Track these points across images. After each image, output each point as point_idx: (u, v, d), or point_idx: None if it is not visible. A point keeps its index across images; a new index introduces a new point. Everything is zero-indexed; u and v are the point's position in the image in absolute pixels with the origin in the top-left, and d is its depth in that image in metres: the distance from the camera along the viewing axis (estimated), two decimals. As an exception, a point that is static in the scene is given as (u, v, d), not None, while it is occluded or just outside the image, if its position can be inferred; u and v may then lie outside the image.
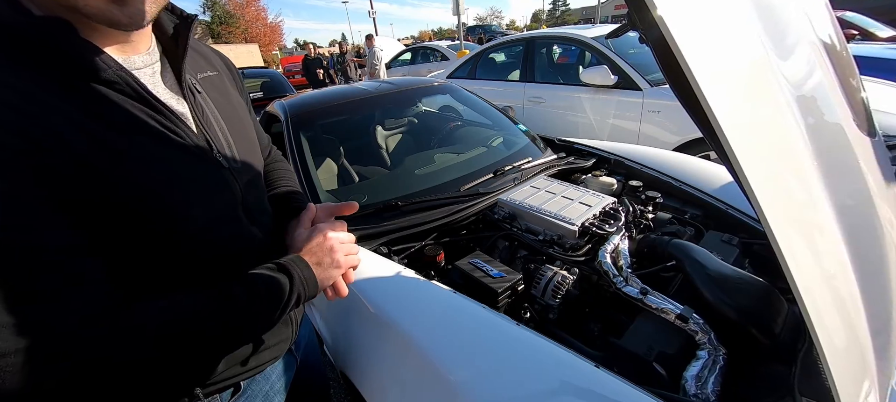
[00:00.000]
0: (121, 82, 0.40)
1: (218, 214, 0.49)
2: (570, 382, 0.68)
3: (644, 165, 1.58)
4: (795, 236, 0.45)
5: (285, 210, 0.65)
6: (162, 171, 0.42)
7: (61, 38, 0.37)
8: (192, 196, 0.45)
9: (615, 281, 0.95)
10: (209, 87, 0.55)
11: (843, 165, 0.56)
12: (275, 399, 0.65)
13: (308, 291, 0.52)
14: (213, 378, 0.53)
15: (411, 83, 2.30)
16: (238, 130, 0.56)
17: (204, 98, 0.52)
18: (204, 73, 0.56)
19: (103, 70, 0.39)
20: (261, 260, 0.52)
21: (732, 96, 0.41)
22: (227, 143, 0.53)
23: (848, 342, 0.51)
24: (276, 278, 0.49)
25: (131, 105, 0.41)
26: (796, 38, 0.57)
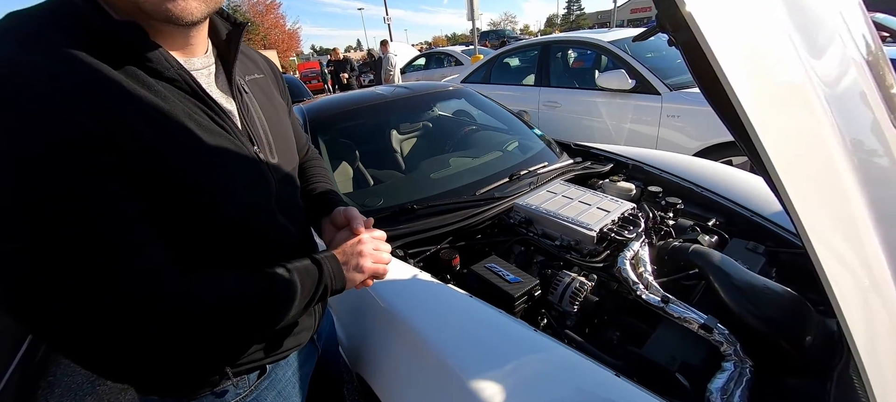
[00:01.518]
0: (180, 80, 0.46)
1: (254, 203, 0.53)
2: (589, 390, 0.67)
3: (663, 171, 1.54)
4: (834, 245, 0.43)
5: (320, 207, 0.70)
6: (210, 159, 0.47)
7: (136, 40, 0.42)
8: (234, 184, 0.49)
9: (635, 289, 0.93)
10: (255, 88, 0.60)
11: (882, 171, 0.54)
12: (297, 385, 0.68)
13: (335, 284, 0.56)
14: (243, 359, 0.57)
15: (426, 88, 2.31)
16: (277, 130, 0.60)
17: (250, 98, 0.57)
18: (252, 75, 0.61)
19: (167, 70, 0.45)
20: (291, 252, 0.56)
21: (767, 98, 0.40)
22: (266, 140, 0.57)
23: (891, 357, 0.48)
24: (306, 267, 0.53)
25: (187, 100, 0.47)
26: (829, 37, 0.55)
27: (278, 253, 0.55)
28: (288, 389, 0.66)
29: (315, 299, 0.54)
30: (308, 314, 0.65)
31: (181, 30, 0.46)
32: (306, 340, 0.67)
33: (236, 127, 0.52)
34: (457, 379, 0.69)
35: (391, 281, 0.95)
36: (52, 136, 0.36)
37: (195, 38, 0.50)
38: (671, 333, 0.85)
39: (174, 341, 0.43)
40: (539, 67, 3.40)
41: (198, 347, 0.47)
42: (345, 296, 0.83)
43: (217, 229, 0.49)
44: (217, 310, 0.45)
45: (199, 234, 0.47)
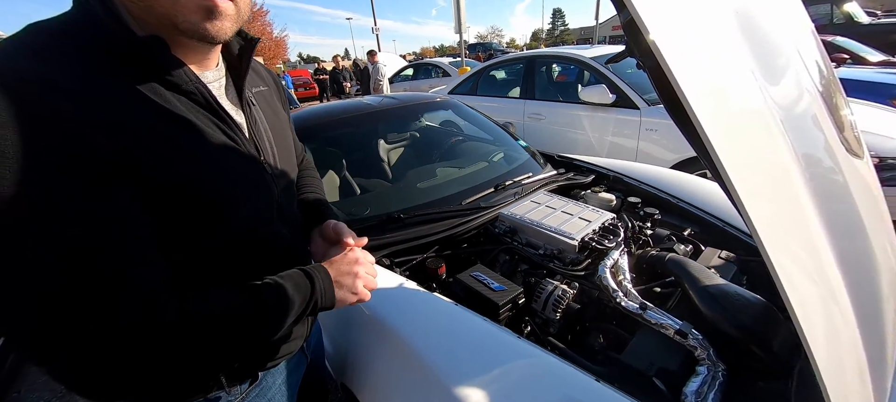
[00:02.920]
0: (196, 93, 0.48)
1: (258, 210, 0.55)
2: (572, 396, 0.69)
3: (642, 182, 1.60)
4: (789, 255, 0.47)
5: (311, 217, 0.72)
6: (221, 169, 0.49)
7: (158, 55, 0.44)
8: (241, 192, 0.51)
9: (615, 296, 0.96)
10: (261, 100, 0.62)
11: (834, 187, 0.58)
12: (286, 394, 0.68)
13: (324, 301, 0.56)
14: (237, 367, 0.58)
15: (414, 98, 2.34)
16: (280, 141, 0.63)
17: (257, 110, 0.59)
18: (258, 87, 0.63)
19: (184, 83, 0.46)
20: (288, 258, 0.58)
21: (725, 120, 0.44)
22: (271, 151, 0.59)
23: (842, 358, 0.52)
24: (299, 281, 0.53)
25: (201, 113, 0.48)
26: (785, 65, 0.60)
27: (277, 260, 0.56)
28: (277, 397, 0.66)
29: (303, 316, 0.54)
30: (300, 323, 0.65)
31: (206, 46, 0.48)
32: (297, 348, 0.68)
33: (245, 137, 0.54)
34: (441, 386, 0.69)
35: (377, 290, 0.95)
36: (56, 150, 0.36)
37: (213, 53, 0.52)
38: (649, 339, 0.88)
39: (167, 360, 0.44)
40: (524, 81, 3.49)
41: (191, 361, 0.48)
42: None
43: (225, 235, 0.50)
44: (210, 329, 0.45)
45: (208, 241, 0.48)
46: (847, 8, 6.81)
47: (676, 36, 0.40)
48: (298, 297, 0.52)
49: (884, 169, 1.94)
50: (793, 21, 0.69)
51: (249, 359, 0.59)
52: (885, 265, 0.65)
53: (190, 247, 0.47)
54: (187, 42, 0.46)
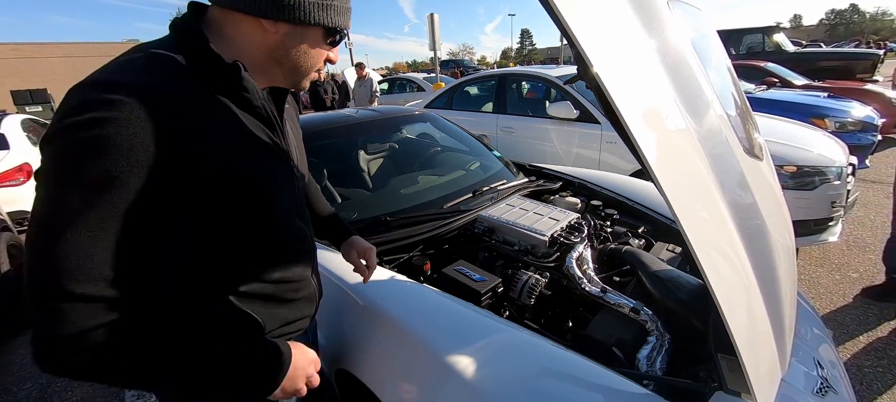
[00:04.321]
0: (261, 109, 0.59)
1: (290, 205, 0.67)
2: (545, 361, 0.81)
3: (603, 188, 1.79)
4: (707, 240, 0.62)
5: (338, 230, 0.95)
6: (270, 168, 0.60)
7: (237, 78, 0.55)
8: (281, 188, 0.63)
9: (580, 283, 1.11)
10: (287, 115, 0.73)
11: (738, 185, 0.75)
12: None
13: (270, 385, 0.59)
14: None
15: (393, 111, 2.46)
16: (299, 150, 0.76)
17: (285, 124, 0.70)
18: (285, 105, 0.75)
19: (256, 101, 0.58)
20: (307, 248, 0.73)
21: (654, 136, 0.58)
22: (296, 157, 0.71)
23: (749, 321, 0.67)
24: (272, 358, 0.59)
25: (262, 124, 0.60)
26: (703, 100, 0.76)
27: (301, 247, 0.70)
28: None
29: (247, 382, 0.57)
30: (308, 302, 0.74)
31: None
32: (305, 327, 0.75)
33: (283, 145, 0.65)
34: (435, 357, 0.79)
35: (371, 282, 1.04)
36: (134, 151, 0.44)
37: None
38: (608, 316, 1.03)
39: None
40: (497, 96, 3.70)
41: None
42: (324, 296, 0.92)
43: (270, 225, 0.61)
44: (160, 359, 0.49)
45: (257, 229, 0.59)
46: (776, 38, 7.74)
47: (614, 71, 0.54)
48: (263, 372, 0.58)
49: (802, 176, 2.26)
50: (711, 61, 0.87)
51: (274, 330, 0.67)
52: (781, 244, 0.83)
53: (247, 232, 0.58)
54: (269, 74, 0.60)
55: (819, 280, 2.36)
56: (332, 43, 0.62)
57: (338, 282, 1.07)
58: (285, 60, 0.59)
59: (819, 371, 0.96)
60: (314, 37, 0.59)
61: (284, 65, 0.59)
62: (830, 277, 2.39)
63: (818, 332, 1.20)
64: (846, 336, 1.92)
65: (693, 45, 0.79)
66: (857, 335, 1.92)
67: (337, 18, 0.59)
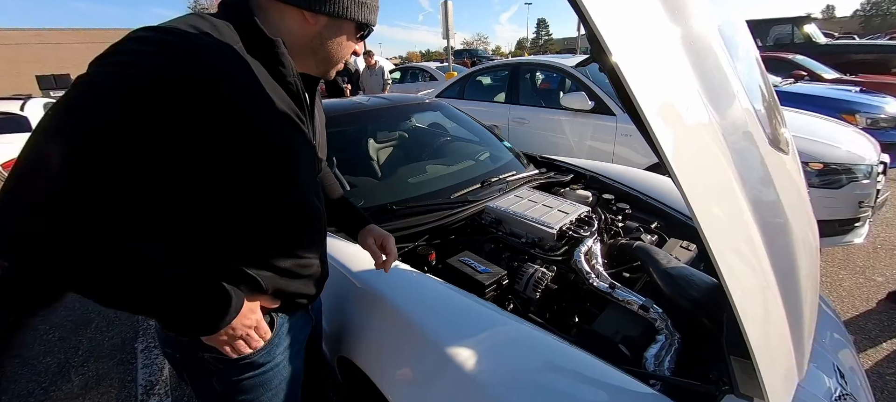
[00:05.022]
0: (294, 86, 0.62)
1: (309, 180, 0.71)
2: (548, 355, 0.79)
3: (616, 181, 1.74)
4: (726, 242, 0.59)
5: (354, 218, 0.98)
6: (296, 141, 0.64)
7: (275, 51, 0.58)
8: (303, 162, 0.67)
9: (588, 278, 1.08)
10: (316, 100, 0.78)
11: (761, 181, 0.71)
12: (295, 347, 0.77)
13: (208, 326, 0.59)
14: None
15: (403, 99, 2.43)
16: (321, 137, 0.80)
17: (316, 105, 0.75)
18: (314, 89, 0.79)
19: (289, 77, 0.61)
20: (321, 228, 0.76)
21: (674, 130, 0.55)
22: (319, 139, 0.75)
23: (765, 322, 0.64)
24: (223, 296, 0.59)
25: (292, 100, 0.63)
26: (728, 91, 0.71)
27: (315, 226, 0.73)
28: (288, 351, 0.74)
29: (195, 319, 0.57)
30: (313, 281, 0.74)
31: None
32: (306, 304, 0.77)
33: (308, 123, 0.68)
34: (434, 347, 0.78)
35: (374, 271, 1.04)
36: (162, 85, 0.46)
37: None
38: (616, 313, 1.00)
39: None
40: (509, 86, 3.64)
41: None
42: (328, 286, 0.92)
43: (288, 195, 0.64)
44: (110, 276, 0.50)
45: (274, 197, 0.62)
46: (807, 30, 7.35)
47: (633, 57, 0.51)
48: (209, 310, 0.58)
49: (828, 174, 2.15)
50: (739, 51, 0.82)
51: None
52: (803, 244, 0.78)
53: (270, 201, 0.61)
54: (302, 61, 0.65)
55: (841, 283, 2.27)
56: (361, 37, 0.67)
57: (341, 269, 1.07)
58: (320, 50, 0.64)
59: (838, 378, 0.92)
60: (347, 30, 0.64)
61: (318, 54, 0.64)
62: (854, 280, 2.29)
63: (839, 337, 1.14)
64: (868, 343, 1.84)
65: (720, 34, 0.74)
66: (880, 342, 1.84)
67: (368, 15, 0.65)
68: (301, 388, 0.86)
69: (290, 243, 0.69)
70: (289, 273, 0.69)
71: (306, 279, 0.73)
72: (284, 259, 0.68)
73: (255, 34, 0.57)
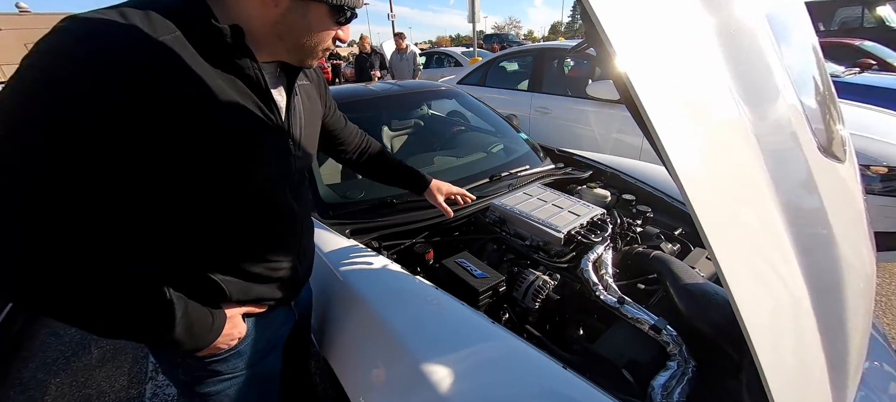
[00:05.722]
0: (254, 76, 0.57)
1: (279, 181, 0.65)
2: (534, 379, 0.71)
3: (640, 180, 1.59)
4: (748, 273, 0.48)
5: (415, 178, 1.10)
6: (252, 130, 0.58)
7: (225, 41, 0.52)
8: (267, 155, 0.61)
9: (595, 289, 0.98)
10: (302, 92, 0.72)
11: (801, 185, 0.58)
12: (272, 343, 0.76)
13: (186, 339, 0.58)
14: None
15: (419, 86, 2.35)
16: (309, 129, 0.73)
17: (298, 99, 0.69)
18: (301, 81, 0.72)
19: (249, 68, 0.56)
20: (296, 228, 0.71)
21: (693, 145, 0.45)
22: (299, 134, 0.69)
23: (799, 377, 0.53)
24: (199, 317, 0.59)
25: (253, 90, 0.58)
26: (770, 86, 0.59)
27: (285, 227, 0.68)
28: (264, 347, 0.73)
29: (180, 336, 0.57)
30: (283, 284, 0.71)
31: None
32: (276, 306, 0.73)
33: (279, 117, 0.62)
34: (409, 361, 0.72)
35: (360, 269, 0.99)
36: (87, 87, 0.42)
37: None
38: (623, 332, 0.90)
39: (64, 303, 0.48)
40: (533, 74, 3.45)
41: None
42: (316, 278, 0.88)
43: (247, 193, 0.59)
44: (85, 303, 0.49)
45: (231, 193, 0.58)
46: (880, 12, 6.47)
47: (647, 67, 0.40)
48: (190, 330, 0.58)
49: (893, 179, 1.88)
50: (792, 37, 0.68)
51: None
52: (858, 271, 0.65)
53: (221, 198, 0.57)
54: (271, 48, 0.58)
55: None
56: (341, 21, 0.60)
57: (327, 262, 1.03)
58: (287, 36, 0.57)
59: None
60: (317, 14, 0.57)
61: (286, 40, 0.58)
62: (916, 301, 2.02)
63: (890, 369, 0.98)
64: (929, 374, 1.61)
65: (769, 19, 0.61)
66: (944, 374, 1.60)
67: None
68: (283, 385, 0.85)
69: (256, 244, 0.65)
70: (256, 277, 0.67)
71: (276, 283, 0.70)
72: (251, 262, 0.65)
73: (204, 21, 0.51)
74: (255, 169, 0.59)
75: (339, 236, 1.16)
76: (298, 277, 0.76)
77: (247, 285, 0.66)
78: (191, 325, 0.57)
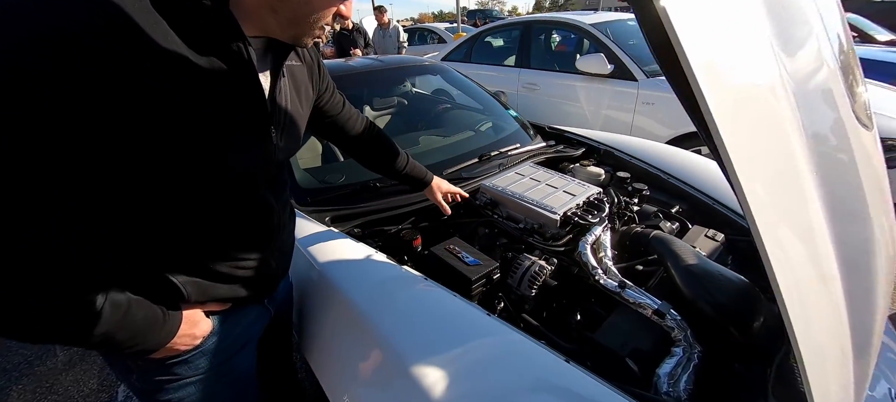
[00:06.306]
0: (236, 54, 0.48)
1: (254, 172, 0.56)
2: (537, 375, 0.65)
3: (634, 157, 1.54)
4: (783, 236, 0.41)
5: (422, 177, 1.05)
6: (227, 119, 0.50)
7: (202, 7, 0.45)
8: (236, 149, 0.52)
9: (594, 273, 0.92)
10: (291, 73, 0.64)
11: (840, 166, 0.52)
12: (244, 341, 0.69)
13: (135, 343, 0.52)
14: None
15: (402, 61, 2.21)
16: (295, 117, 0.64)
17: (285, 82, 0.61)
18: (290, 61, 0.63)
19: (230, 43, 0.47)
20: (273, 225, 0.63)
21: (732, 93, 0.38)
22: (283, 123, 0.61)
23: (828, 348, 0.48)
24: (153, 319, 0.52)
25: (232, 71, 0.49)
26: (806, 35, 0.52)
27: (258, 223, 0.61)
28: (233, 345, 0.67)
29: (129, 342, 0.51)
30: (252, 283, 0.64)
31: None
32: (243, 304, 0.67)
33: (261, 99, 0.54)
34: (397, 362, 0.65)
35: (341, 260, 0.90)
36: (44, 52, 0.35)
37: None
38: (625, 318, 0.85)
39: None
40: (520, 48, 3.33)
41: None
42: (293, 270, 0.80)
43: (221, 186, 0.52)
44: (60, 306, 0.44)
45: (197, 189, 0.50)
46: (860, -17, 6.54)
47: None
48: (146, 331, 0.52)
49: (885, 150, 1.88)
50: None
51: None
52: (883, 244, 0.60)
53: (178, 195, 0.49)
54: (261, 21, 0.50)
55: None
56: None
57: (305, 253, 0.94)
58: (281, 8, 0.50)
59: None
60: None
61: (279, 14, 0.50)
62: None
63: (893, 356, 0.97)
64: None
65: None
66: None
67: None
68: (263, 384, 0.79)
69: (223, 242, 0.58)
70: (222, 277, 0.59)
71: (244, 282, 0.62)
72: (216, 261, 0.58)
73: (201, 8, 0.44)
74: (226, 161, 0.51)
75: (317, 225, 1.06)
76: (272, 274, 0.68)
77: (210, 284, 0.58)
78: (133, 324, 0.50)
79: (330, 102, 0.86)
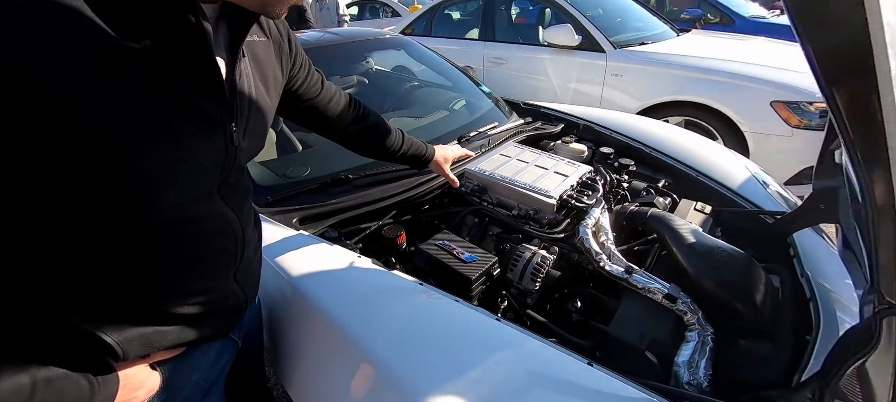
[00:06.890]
0: (182, 28, 0.37)
1: (205, 178, 0.44)
2: (565, 388, 0.58)
3: (613, 131, 1.50)
4: None
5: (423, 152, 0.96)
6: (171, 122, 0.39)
7: None
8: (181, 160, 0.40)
9: (598, 259, 0.86)
10: (252, 52, 0.52)
11: None
12: (212, 377, 0.58)
13: None
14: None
15: (360, 35, 2.00)
16: (259, 107, 0.52)
17: (246, 63, 0.49)
18: (253, 36, 0.52)
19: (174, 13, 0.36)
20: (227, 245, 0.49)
21: None
22: (244, 118, 0.48)
23: None
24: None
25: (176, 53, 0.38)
26: None
27: (214, 246, 0.48)
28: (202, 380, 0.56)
29: None
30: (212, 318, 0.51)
31: None
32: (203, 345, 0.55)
33: (221, 89, 0.42)
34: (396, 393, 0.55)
35: (322, 272, 0.76)
36: None
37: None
38: (637, 307, 0.80)
39: None
40: (484, 20, 3.19)
41: None
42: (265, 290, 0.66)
43: (154, 213, 0.40)
44: None
45: (132, 218, 0.39)
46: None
47: None
48: None
49: (826, 114, 2.01)
50: None
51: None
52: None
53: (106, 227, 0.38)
54: None
55: None
56: None
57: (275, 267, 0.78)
58: None
59: None
60: None
61: None
62: None
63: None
64: None
65: None
66: None
67: None
68: None
69: (169, 279, 0.45)
70: (170, 319, 0.46)
71: (197, 321, 0.49)
72: (161, 304, 0.45)
73: None
74: (170, 178, 0.40)
75: (284, 228, 0.90)
76: (234, 305, 0.54)
77: (154, 331, 0.46)
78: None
79: (306, 84, 0.71)
